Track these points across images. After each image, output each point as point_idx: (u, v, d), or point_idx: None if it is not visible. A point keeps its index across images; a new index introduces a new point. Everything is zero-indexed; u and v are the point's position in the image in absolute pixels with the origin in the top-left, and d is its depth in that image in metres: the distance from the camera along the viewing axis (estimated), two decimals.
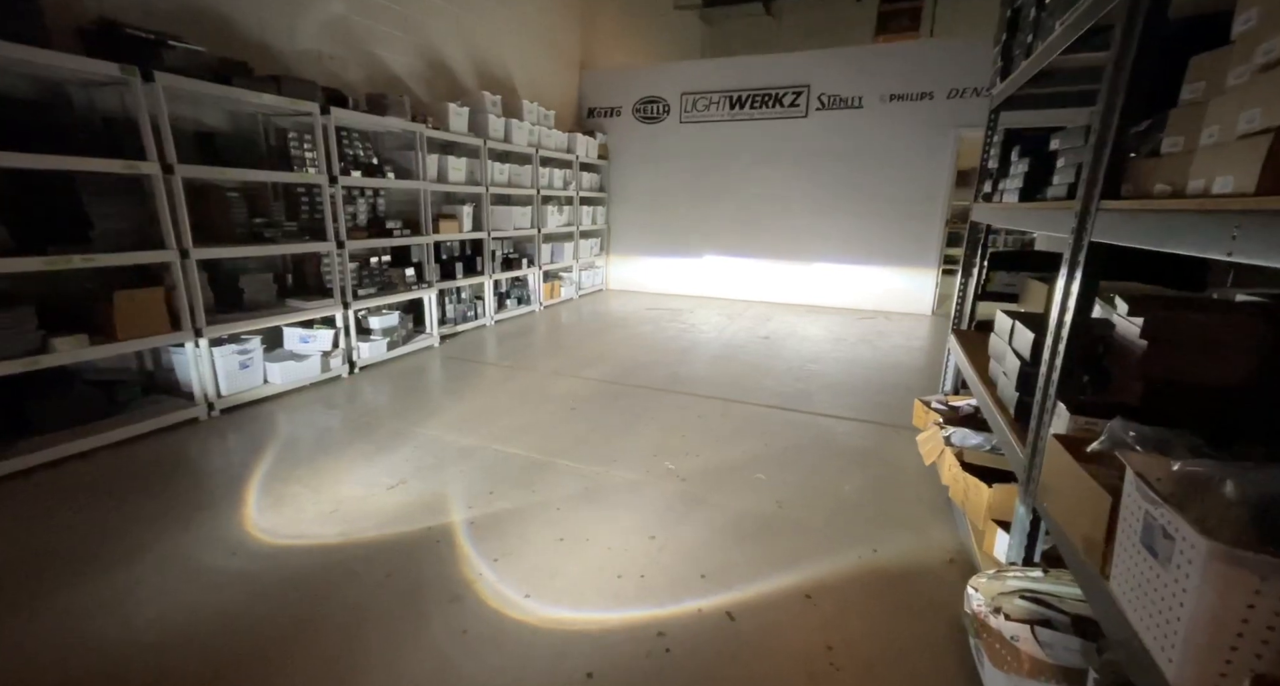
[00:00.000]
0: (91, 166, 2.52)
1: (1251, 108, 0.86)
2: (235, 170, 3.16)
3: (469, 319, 5.53)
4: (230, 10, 3.57)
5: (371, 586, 1.83)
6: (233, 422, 3.14)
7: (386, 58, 4.82)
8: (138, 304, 2.74)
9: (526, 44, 6.59)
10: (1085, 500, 1.09)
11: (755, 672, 1.53)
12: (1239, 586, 0.69)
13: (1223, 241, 0.85)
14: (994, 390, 2.08)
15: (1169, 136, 1.14)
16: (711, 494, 2.46)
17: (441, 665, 1.53)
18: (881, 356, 4.80)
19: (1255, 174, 0.82)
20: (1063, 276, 1.45)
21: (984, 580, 1.52)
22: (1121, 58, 1.29)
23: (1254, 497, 0.78)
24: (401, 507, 2.30)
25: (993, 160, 2.83)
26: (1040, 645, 1.34)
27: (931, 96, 6.10)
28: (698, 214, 7.50)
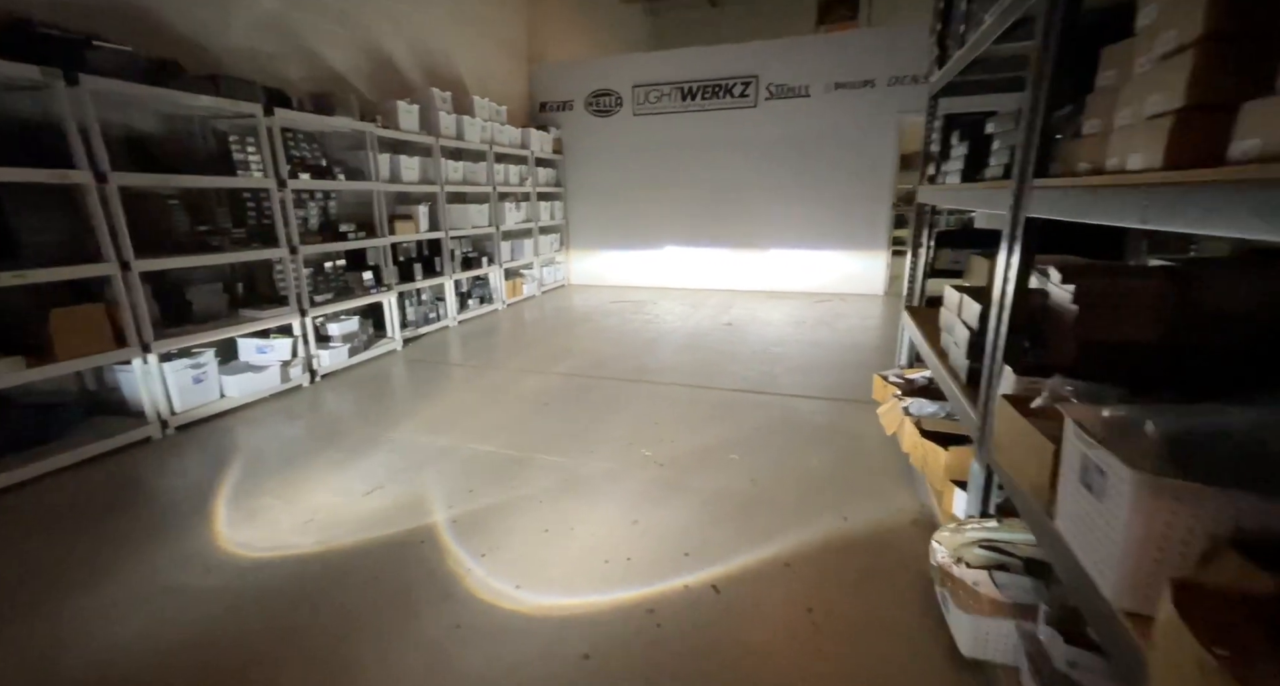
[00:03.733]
0: (15, 177, 2.38)
1: (1155, 93, 0.97)
2: (176, 176, 3.02)
3: (431, 321, 5.44)
4: (154, 5, 3.38)
5: (357, 591, 1.82)
6: (190, 440, 3.02)
7: (327, 55, 4.66)
8: (77, 321, 2.60)
9: (471, 37, 6.48)
10: (1032, 450, 1.20)
11: (742, 638, 1.62)
12: (1160, 509, 0.80)
13: (1137, 212, 0.96)
14: (946, 360, 2.23)
15: (1089, 119, 1.26)
16: (688, 477, 2.54)
17: (437, 659, 1.55)
18: (839, 337, 4.99)
19: (1160, 152, 0.92)
20: (1003, 250, 1.57)
21: (946, 534, 1.64)
22: (1044, 47, 1.40)
23: (1168, 434, 0.89)
24: (380, 512, 2.28)
25: (935, 144, 2.98)
26: (998, 587, 1.46)
27: (874, 84, 6.33)
28: (656, 206, 7.56)
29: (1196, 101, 0.87)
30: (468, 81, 6.42)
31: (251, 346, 3.60)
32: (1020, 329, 1.58)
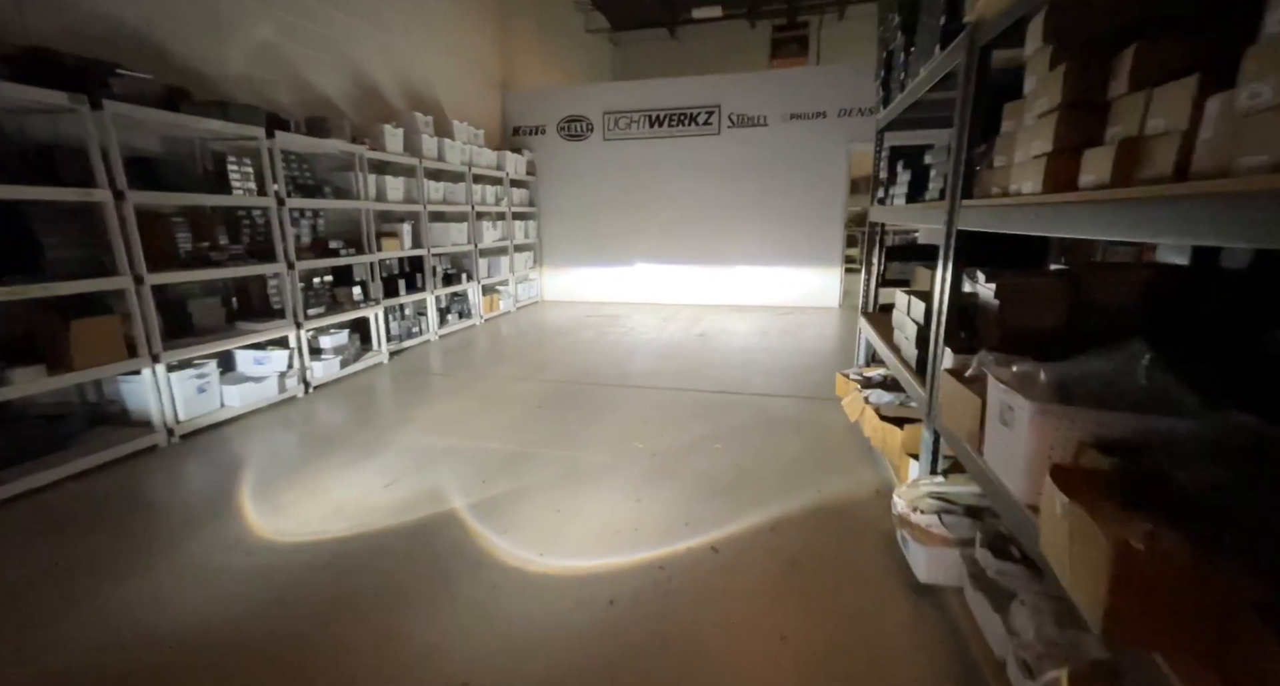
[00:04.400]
0: (44, 195, 2.51)
1: (1037, 140, 1.35)
2: (190, 195, 3.17)
3: (414, 335, 5.58)
4: (161, 36, 3.54)
5: (397, 564, 2.03)
6: (196, 447, 3.12)
7: (316, 81, 4.85)
8: (94, 332, 2.71)
9: (449, 64, 6.76)
10: (966, 407, 1.56)
11: (739, 586, 1.91)
12: (1046, 426, 1.15)
13: (1027, 224, 1.34)
14: (899, 353, 2.61)
15: (997, 155, 1.66)
16: (679, 464, 2.83)
17: (482, 612, 1.78)
18: (802, 344, 5.42)
19: (1040, 181, 1.30)
20: (940, 255, 1.96)
21: (904, 490, 1.99)
22: (964, 99, 1.81)
23: (1054, 379, 1.25)
24: (402, 501, 2.48)
25: (883, 171, 3.44)
26: (945, 527, 1.81)
27: (825, 115, 6.93)
28: (626, 225, 7.93)
29: (1059, 147, 1.25)
30: (447, 106, 6.68)
31: (249, 358, 3.71)
32: (956, 321, 1.97)
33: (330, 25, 4.96)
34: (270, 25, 4.35)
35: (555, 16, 9.65)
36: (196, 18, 3.77)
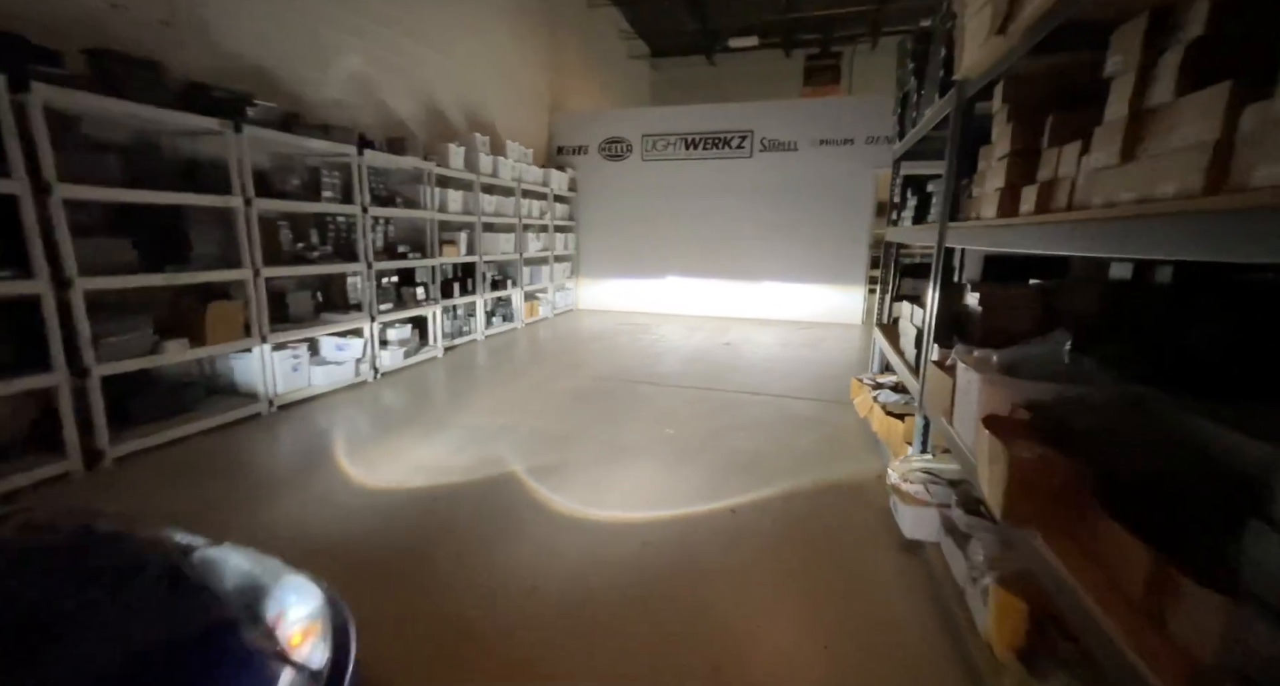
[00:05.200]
0: (196, 201, 3.09)
1: (995, 177, 1.75)
2: (297, 203, 3.75)
3: (464, 334, 6.12)
4: (276, 68, 4.18)
5: (474, 507, 2.47)
6: (292, 416, 3.65)
7: (393, 104, 5.49)
8: (224, 314, 3.27)
9: (505, 89, 7.40)
10: (942, 386, 1.94)
11: (752, 538, 2.29)
12: (990, 392, 1.53)
13: (990, 241, 1.73)
14: (902, 355, 2.98)
15: (974, 187, 2.06)
16: (705, 448, 3.23)
17: (541, 542, 2.20)
18: (822, 355, 5.76)
19: (995, 209, 1.70)
20: (933, 268, 2.34)
21: (898, 464, 2.36)
22: (952, 139, 2.21)
23: (1003, 361, 1.63)
24: (469, 465, 2.93)
25: (897, 196, 3.83)
26: (929, 494, 2.17)
27: (853, 142, 7.33)
28: (659, 240, 8.41)
29: (1009, 184, 1.65)
30: (500, 127, 7.30)
31: (332, 344, 4.26)
32: (949, 324, 2.34)
33: (407, 56, 5.61)
34: (360, 57, 4.99)
35: (600, 44, 10.32)
36: (305, 52, 4.41)
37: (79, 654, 0.69)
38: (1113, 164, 1.10)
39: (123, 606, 0.80)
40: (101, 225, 2.93)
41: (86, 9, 2.97)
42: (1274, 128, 0.71)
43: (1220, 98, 0.81)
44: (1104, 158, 1.14)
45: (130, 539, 1.05)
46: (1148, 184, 0.97)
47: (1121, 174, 1.06)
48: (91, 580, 0.86)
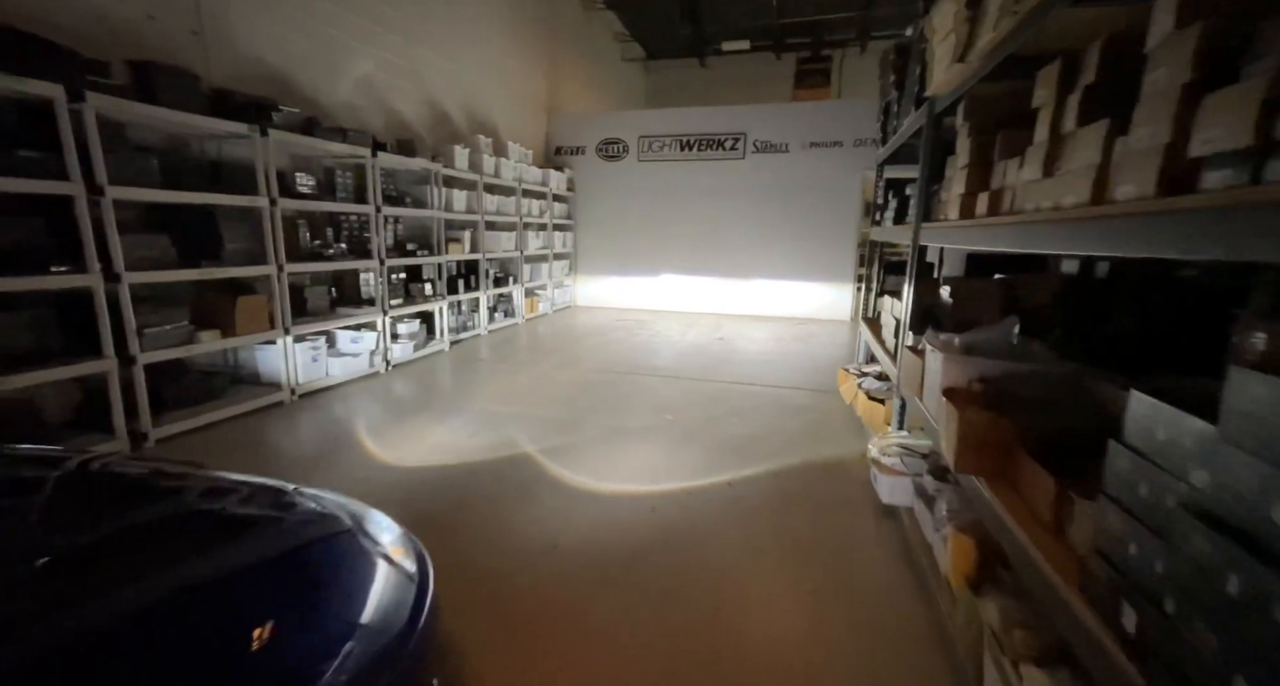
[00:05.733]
0: (227, 201, 3.31)
1: (958, 184, 2.01)
2: (318, 202, 3.97)
3: (468, 329, 6.34)
4: (294, 73, 4.38)
5: (490, 482, 2.71)
6: (312, 404, 3.86)
7: (400, 107, 5.70)
8: (252, 307, 3.48)
9: (505, 91, 7.61)
10: (914, 366, 2.21)
11: (746, 505, 2.55)
12: (949, 368, 1.79)
13: (954, 240, 1.99)
14: (883, 344, 3.25)
15: (942, 192, 2.32)
16: (702, 432, 3.48)
17: (558, 510, 2.45)
18: (812, 349, 6.04)
19: (958, 211, 1.97)
20: (909, 262, 2.61)
21: (877, 440, 2.62)
22: (924, 148, 2.48)
23: (964, 343, 1.90)
24: (484, 446, 3.17)
25: (880, 198, 4.10)
26: (904, 465, 2.44)
27: (842, 145, 7.62)
28: (655, 238, 8.66)
29: (968, 190, 1.91)
30: (501, 128, 7.52)
31: (347, 337, 4.48)
32: (924, 315, 2.61)
33: (413, 60, 5.81)
34: (370, 62, 5.20)
35: (596, 47, 10.55)
36: (319, 59, 4.61)
37: (254, 547, 0.92)
38: (1037, 178, 1.36)
39: (262, 518, 1.04)
40: (137, 223, 3.13)
41: (126, 20, 3.17)
42: (1132, 157, 0.97)
43: (1100, 131, 1.07)
44: (1032, 172, 1.40)
45: (223, 476, 1.27)
46: (1058, 195, 1.23)
47: (1042, 186, 1.33)
48: (226, 500, 1.09)
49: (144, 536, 0.87)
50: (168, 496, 1.08)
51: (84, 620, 0.67)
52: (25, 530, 0.83)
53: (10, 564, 0.74)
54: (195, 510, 1.01)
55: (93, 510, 0.92)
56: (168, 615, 0.74)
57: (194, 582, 0.79)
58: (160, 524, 0.92)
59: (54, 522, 0.87)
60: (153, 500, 1.01)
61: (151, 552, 0.83)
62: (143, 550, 0.83)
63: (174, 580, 0.78)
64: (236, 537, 0.92)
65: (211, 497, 1.07)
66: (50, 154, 2.50)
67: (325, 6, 4.63)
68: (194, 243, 3.22)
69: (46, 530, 0.84)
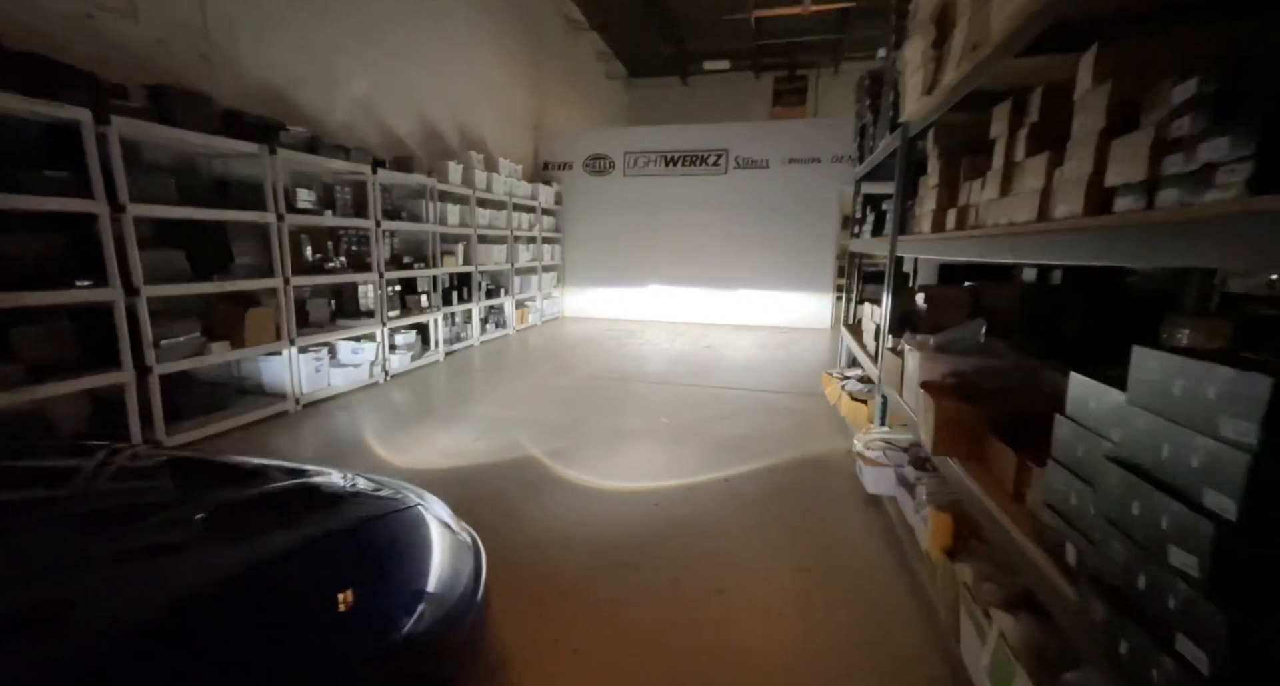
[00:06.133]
0: (237, 217, 3.43)
1: (929, 200, 2.26)
2: (321, 218, 4.09)
3: (461, 339, 6.46)
4: (295, 94, 4.52)
5: (500, 482, 2.86)
6: (316, 413, 3.96)
7: (394, 124, 5.85)
8: (260, 319, 3.59)
9: (495, 109, 7.81)
10: (894, 366, 2.43)
11: (742, 498, 2.73)
12: (926, 366, 2.01)
13: (927, 251, 2.23)
14: (865, 349, 3.49)
15: (916, 208, 2.57)
16: (697, 432, 3.67)
17: (567, 505, 2.61)
18: (795, 356, 6.29)
19: (929, 225, 2.20)
20: (887, 272, 2.85)
21: (861, 435, 2.84)
22: (900, 168, 2.73)
23: (938, 342, 2.12)
24: (490, 449, 3.31)
25: (858, 212, 4.38)
26: (887, 457, 2.65)
27: (819, 161, 7.96)
28: (641, 251, 8.89)
29: (938, 207, 2.15)
30: (491, 144, 7.70)
31: (348, 348, 4.58)
32: (902, 320, 2.84)
33: (407, 80, 5.99)
34: (366, 82, 5.36)
35: (580, 64, 10.84)
36: (319, 79, 4.76)
37: (349, 513, 1.07)
38: (996, 198, 1.60)
39: (345, 493, 1.19)
40: (152, 239, 3.23)
41: (140, 45, 3.30)
42: (1066, 184, 1.20)
43: (1042, 162, 1.30)
44: (991, 193, 1.63)
45: (292, 464, 1.42)
46: (1012, 213, 1.46)
47: (1000, 205, 1.56)
48: (308, 479, 1.24)
49: (258, 503, 1.02)
50: (262, 476, 1.23)
51: (242, 551, 0.83)
52: (177, 497, 0.98)
53: (181, 516, 0.89)
54: (291, 486, 1.16)
55: (211, 486, 1.07)
56: (294, 558, 0.90)
57: (311, 536, 0.95)
58: (266, 496, 1.08)
59: (190, 493, 1.02)
60: (249, 478, 1.16)
61: (268, 515, 0.98)
62: (261, 513, 0.99)
63: (294, 535, 0.94)
64: (334, 504, 1.08)
65: (295, 476, 1.22)
66: (76, 174, 2.61)
67: (323, 30, 4.79)
68: (206, 257, 3.33)
69: (188, 498, 0.99)
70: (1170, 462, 0.77)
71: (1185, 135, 0.84)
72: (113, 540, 0.82)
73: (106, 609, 0.67)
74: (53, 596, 0.67)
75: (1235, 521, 0.65)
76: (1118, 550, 0.84)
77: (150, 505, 0.96)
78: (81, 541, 0.81)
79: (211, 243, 3.39)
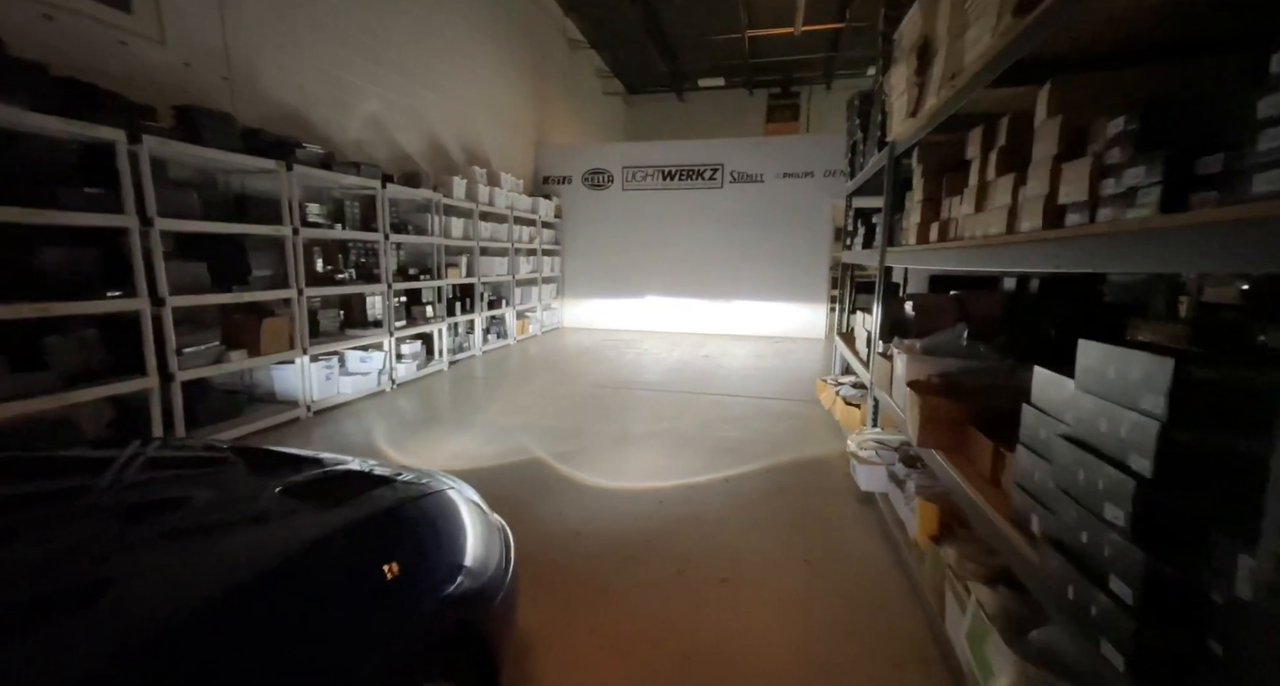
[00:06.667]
0: (256, 231, 3.57)
1: (915, 214, 2.43)
2: (335, 231, 4.24)
3: (464, 349, 6.59)
4: (309, 113, 4.70)
5: (511, 482, 2.98)
6: (327, 419, 4.07)
7: (402, 140, 6.03)
8: (275, 329, 3.72)
9: (497, 125, 8.03)
10: (884, 369, 2.58)
11: (742, 496, 2.87)
12: (913, 367, 2.16)
13: (913, 262, 2.39)
14: (858, 355, 3.65)
15: (904, 221, 2.74)
16: (697, 437, 3.80)
17: (576, 504, 2.73)
18: (791, 365, 6.45)
19: (914, 237, 2.37)
20: (877, 281, 3.02)
21: (855, 437, 2.98)
22: (888, 184, 2.91)
23: (924, 347, 2.28)
24: (499, 452, 3.44)
25: (850, 225, 4.56)
26: (879, 456, 2.80)
27: (813, 175, 8.19)
28: (639, 263, 9.07)
29: (922, 220, 2.32)
30: (493, 159, 7.90)
31: (356, 357, 4.70)
32: (892, 326, 3.00)
33: (413, 98, 6.18)
34: (375, 101, 5.55)
35: (579, 81, 11.10)
36: (331, 99, 4.95)
37: (394, 495, 1.20)
38: (972, 212, 1.76)
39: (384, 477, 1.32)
40: (175, 251, 3.37)
41: (168, 69, 3.47)
42: (1028, 201, 1.36)
43: (1009, 181, 1.47)
44: (968, 208, 1.80)
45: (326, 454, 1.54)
46: (986, 226, 1.62)
47: (975, 219, 1.72)
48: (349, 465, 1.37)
49: (321, 483, 1.16)
50: (316, 462, 1.36)
51: (318, 520, 0.97)
52: (250, 477, 1.12)
53: (262, 488, 1.03)
54: (344, 471, 1.29)
55: (273, 471, 1.20)
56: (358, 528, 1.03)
57: (372, 508, 1.08)
58: (327, 476, 1.21)
59: (259, 475, 1.15)
60: (307, 464, 1.29)
61: (332, 492, 1.12)
62: (325, 491, 1.12)
63: (357, 509, 1.07)
64: (382, 485, 1.21)
65: (335, 464, 1.35)
66: (108, 190, 2.76)
67: (336, 52, 4.98)
68: (225, 269, 3.46)
69: (258, 480, 1.13)
70: (1107, 435, 0.92)
71: (1116, 163, 1.00)
72: (214, 512, 0.96)
73: (226, 561, 0.80)
74: (190, 552, 0.81)
75: (1151, 477, 0.80)
76: (1068, 513, 0.98)
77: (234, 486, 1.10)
78: (195, 513, 0.95)
79: (231, 255, 3.53)
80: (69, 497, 1.01)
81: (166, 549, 0.84)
